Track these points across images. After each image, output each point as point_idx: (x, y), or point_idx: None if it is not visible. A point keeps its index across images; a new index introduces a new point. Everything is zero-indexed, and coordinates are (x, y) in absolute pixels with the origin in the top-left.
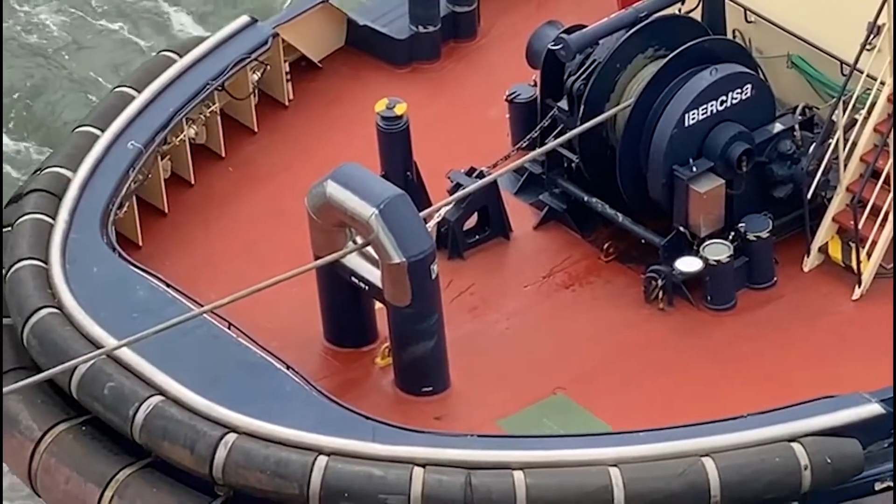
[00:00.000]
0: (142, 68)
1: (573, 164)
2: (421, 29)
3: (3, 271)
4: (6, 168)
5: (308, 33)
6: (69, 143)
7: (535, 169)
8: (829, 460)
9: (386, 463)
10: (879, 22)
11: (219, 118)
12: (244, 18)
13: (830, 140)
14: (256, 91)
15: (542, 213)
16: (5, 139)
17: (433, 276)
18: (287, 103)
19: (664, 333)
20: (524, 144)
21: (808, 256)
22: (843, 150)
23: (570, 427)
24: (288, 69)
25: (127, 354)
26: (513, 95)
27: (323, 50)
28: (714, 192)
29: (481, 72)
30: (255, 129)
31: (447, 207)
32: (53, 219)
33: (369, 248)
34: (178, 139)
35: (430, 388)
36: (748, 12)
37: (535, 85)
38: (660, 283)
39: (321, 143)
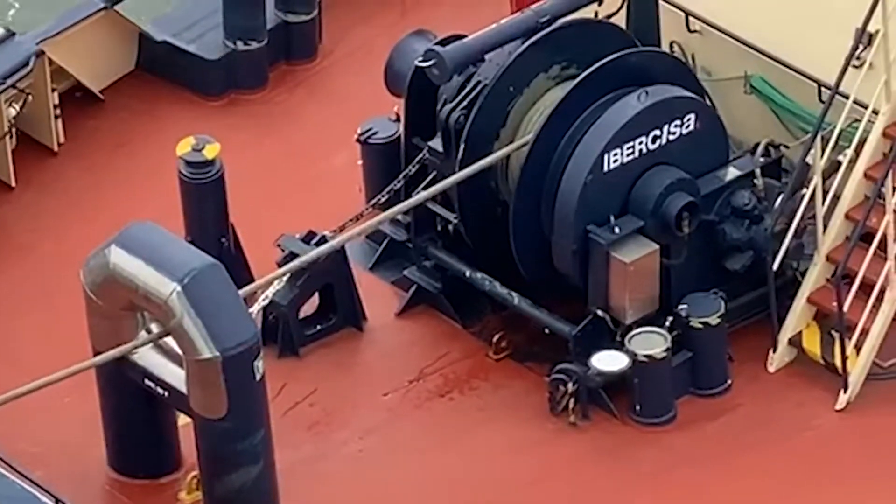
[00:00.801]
0: None
1: (450, 227)
2: (240, 46)
3: None
4: None
5: (86, 52)
6: None
7: (398, 235)
8: None
9: None
10: (871, 28)
11: None
12: None
13: (804, 190)
14: (14, 131)
15: (407, 295)
16: None
17: (257, 378)
18: (56, 148)
19: (577, 456)
20: (382, 200)
21: (774, 351)
22: (823, 204)
23: None
24: (57, 101)
25: None
26: (367, 134)
27: (106, 75)
28: (644, 263)
29: (324, 102)
30: (12, 184)
31: (277, 286)
32: None
33: (169, 339)
34: None
35: None
36: (691, 19)
37: (398, 119)
38: (570, 387)
39: (103, 202)
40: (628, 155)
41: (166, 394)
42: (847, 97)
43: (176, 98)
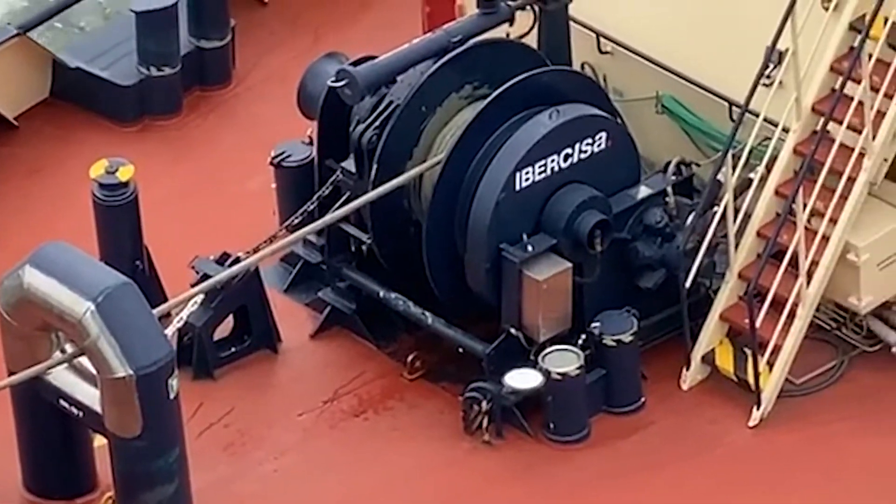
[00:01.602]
0: None
1: (364, 247)
2: (154, 72)
3: None
4: None
5: None
6: None
7: (312, 256)
8: None
9: None
10: (780, 47)
11: None
12: None
13: (716, 208)
14: None
15: (322, 316)
16: None
17: (171, 396)
18: None
19: (492, 475)
20: (296, 222)
21: (687, 369)
22: (734, 221)
23: None
24: None
25: None
26: (280, 157)
27: (19, 103)
28: (557, 281)
29: (238, 128)
30: None
31: (192, 308)
32: None
33: (83, 359)
34: None
35: None
36: (602, 40)
37: (311, 142)
38: (484, 406)
39: (18, 226)
40: (540, 173)
41: (81, 414)
42: (757, 115)
43: (90, 124)
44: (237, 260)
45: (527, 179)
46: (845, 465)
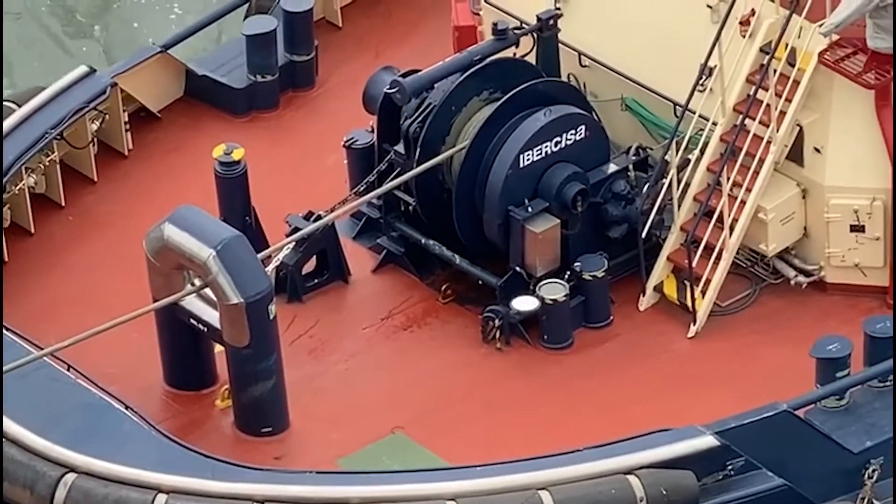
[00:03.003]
0: None
1: (410, 207)
2: (259, 78)
3: None
4: None
5: (147, 83)
6: None
7: (373, 213)
8: (664, 492)
9: (225, 500)
10: (711, 63)
11: (58, 167)
12: (82, 68)
13: (664, 180)
14: (96, 140)
15: (380, 257)
16: None
17: (271, 317)
18: (126, 153)
19: (502, 372)
20: (362, 189)
21: (643, 295)
22: (677, 189)
23: (409, 465)
24: (127, 119)
25: None
26: (350, 141)
27: (162, 100)
28: (549, 233)
29: (320, 119)
30: (95, 179)
31: (286, 251)
32: None
33: (207, 290)
34: (18, 188)
35: (270, 429)
36: (583, 56)
37: (373, 130)
38: (497, 322)
39: (160, 192)
40: (538, 155)
41: (206, 329)
42: (694, 112)
43: (213, 116)
44: (319, 217)
45: (528, 160)
46: (756, 365)
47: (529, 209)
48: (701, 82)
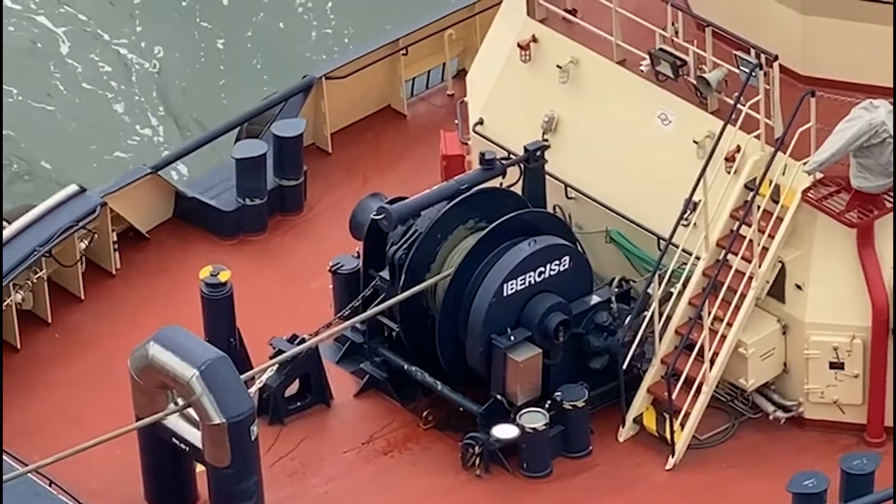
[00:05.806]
0: None
1: (394, 333)
2: (248, 202)
3: None
4: None
5: (136, 204)
6: None
7: (357, 338)
8: None
9: None
10: (695, 198)
11: (46, 285)
12: (73, 187)
13: (646, 312)
14: (84, 259)
15: (362, 382)
16: None
17: (253, 438)
18: (114, 272)
19: (481, 499)
20: (346, 313)
21: (623, 426)
22: (659, 322)
23: None
24: (115, 238)
25: None
26: (336, 266)
27: (151, 220)
28: (531, 362)
29: (307, 244)
30: (82, 297)
31: (270, 373)
32: None
33: (190, 410)
34: (5, 304)
35: None
36: (569, 188)
37: (359, 256)
38: (477, 450)
39: (147, 311)
40: (521, 285)
41: (187, 448)
42: (677, 247)
43: (201, 238)
44: (303, 340)
45: (511, 289)
46: (733, 499)
47: (512, 338)
48: (685, 216)
